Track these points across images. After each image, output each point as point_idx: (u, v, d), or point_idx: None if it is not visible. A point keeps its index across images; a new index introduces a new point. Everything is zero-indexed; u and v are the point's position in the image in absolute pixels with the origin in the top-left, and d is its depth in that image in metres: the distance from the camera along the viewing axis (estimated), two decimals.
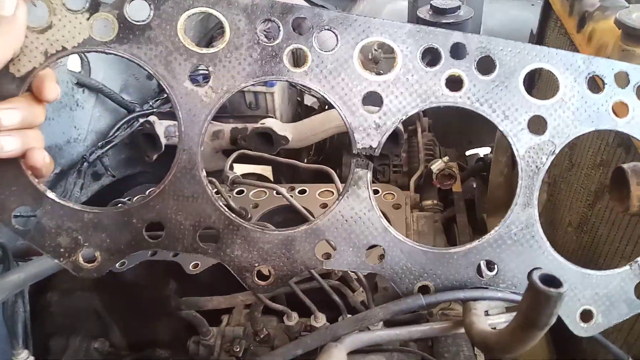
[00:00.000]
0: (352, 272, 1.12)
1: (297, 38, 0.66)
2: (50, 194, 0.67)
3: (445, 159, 1.40)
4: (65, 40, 0.64)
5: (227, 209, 0.69)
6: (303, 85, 0.68)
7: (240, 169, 1.92)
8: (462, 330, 0.64)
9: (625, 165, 0.72)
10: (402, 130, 1.59)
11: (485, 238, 0.69)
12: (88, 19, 0.64)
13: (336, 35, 0.67)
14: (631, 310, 0.71)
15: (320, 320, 1.06)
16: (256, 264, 0.69)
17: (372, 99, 0.70)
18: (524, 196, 0.70)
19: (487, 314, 0.65)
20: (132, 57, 0.65)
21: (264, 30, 0.69)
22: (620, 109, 0.72)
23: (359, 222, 0.69)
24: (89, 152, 1.54)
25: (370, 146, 0.69)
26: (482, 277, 0.69)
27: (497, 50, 0.68)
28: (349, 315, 1.06)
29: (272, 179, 1.99)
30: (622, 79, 0.72)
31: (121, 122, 1.66)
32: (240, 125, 1.80)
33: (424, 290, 0.70)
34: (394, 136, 1.59)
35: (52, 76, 0.64)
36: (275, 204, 1.43)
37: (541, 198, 1.21)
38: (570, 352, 1.07)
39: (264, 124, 1.66)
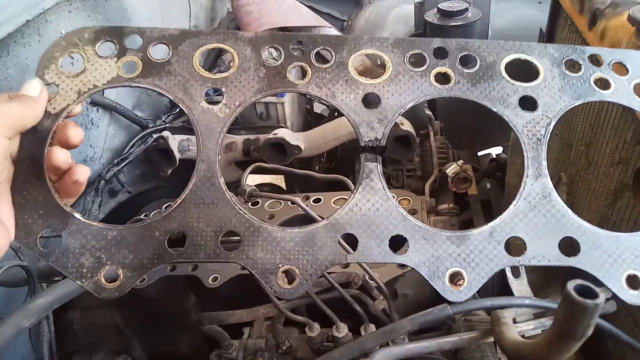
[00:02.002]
0: (374, 278, 1.11)
1: (297, 58, 0.76)
2: (77, 215, 0.69)
3: (460, 162, 1.39)
4: (96, 80, 0.74)
5: (247, 212, 0.70)
6: (307, 93, 0.76)
7: (253, 179, 1.93)
8: (491, 339, 0.63)
9: None
10: (415, 134, 1.59)
11: (505, 214, 0.69)
12: (116, 62, 0.74)
13: (330, 52, 0.77)
14: None
15: (342, 330, 1.06)
16: (280, 265, 0.68)
17: (373, 102, 0.76)
18: (533, 167, 0.72)
19: (514, 321, 0.64)
20: (155, 87, 0.74)
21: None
22: (603, 84, 0.78)
23: (376, 213, 0.70)
24: (105, 169, 1.56)
25: (376, 138, 0.73)
26: (513, 254, 0.67)
27: (474, 48, 0.78)
28: (370, 325, 1.06)
29: (285, 188, 2.00)
30: (596, 60, 0.79)
31: (135, 139, 1.68)
32: (252, 137, 1.82)
33: (456, 277, 0.67)
34: (407, 141, 1.59)
35: (72, 124, 0.71)
36: (290, 214, 1.44)
37: (561, 198, 1.19)
38: (596, 354, 1.06)
39: (276, 134, 1.67)
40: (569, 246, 0.67)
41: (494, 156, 1.95)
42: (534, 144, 0.73)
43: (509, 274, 0.67)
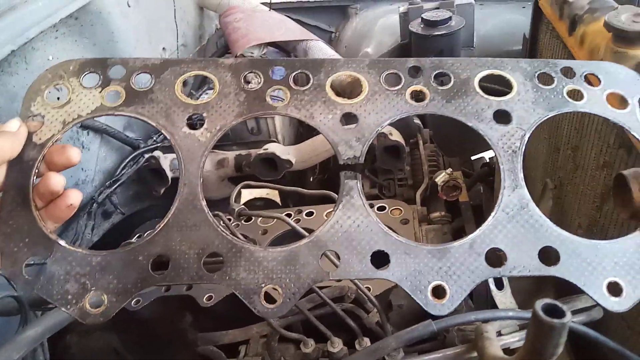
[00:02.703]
0: (364, 292, 1.12)
1: (276, 82, 0.78)
2: (62, 242, 0.70)
3: (449, 170, 1.40)
4: (80, 110, 0.75)
5: (229, 233, 0.71)
6: (287, 115, 0.78)
7: (248, 192, 1.94)
8: (475, 354, 0.63)
9: (625, 172, 0.72)
10: (404, 144, 1.60)
11: (484, 226, 0.70)
12: (100, 92, 0.76)
13: (308, 75, 0.79)
14: None
15: (337, 345, 1.06)
16: (262, 285, 0.69)
17: (350, 121, 0.78)
18: (509, 179, 0.73)
19: (500, 334, 0.64)
20: (137, 115, 0.76)
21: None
22: (576, 95, 0.80)
23: (357, 230, 0.71)
24: (97, 192, 1.56)
25: (354, 156, 0.74)
26: (493, 266, 0.67)
27: (448, 65, 0.80)
28: (365, 339, 1.06)
29: (279, 202, 2.00)
30: (569, 72, 0.81)
31: (127, 160, 1.69)
32: (244, 152, 1.83)
33: (439, 291, 0.68)
34: (396, 151, 1.60)
35: (67, 145, 0.73)
36: (283, 229, 1.44)
37: (547, 205, 1.20)
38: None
39: (266, 149, 1.68)
40: (549, 256, 0.67)
41: (487, 160, 1.96)
42: (509, 156, 0.74)
43: (492, 286, 0.68)
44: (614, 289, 0.65)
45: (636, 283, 0.67)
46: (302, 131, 2.26)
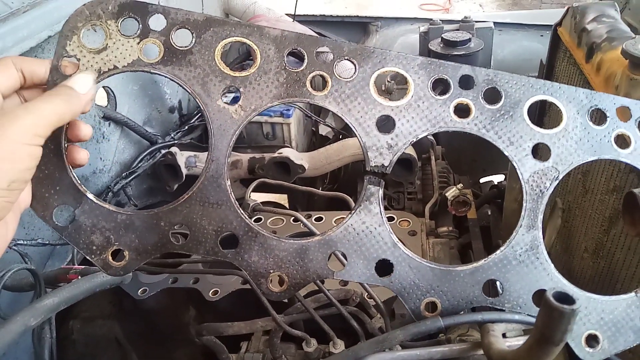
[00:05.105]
0: (368, 296, 1.13)
1: (320, 66, 0.74)
2: (90, 195, 0.73)
3: (460, 186, 1.42)
4: (117, 60, 0.72)
5: (247, 217, 0.73)
6: (324, 107, 0.74)
7: (256, 197, 1.97)
8: (481, 351, 0.65)
9: (636, 190, 0.74)
10: (416, 158, 1.62)
11: (490, 258, 0.72)
12: (138, 43, 0.73)
13: (355, 65, 0.74)
14: (638, 338, 0.71)
15: (338, 346, 1.07)
16: (271, 271, 0.72)
17: (386, 125, 0.75)
18: (529, 218, 0.73)
19: (504, 336, 0.66)
20: (174, 77, 0.73)
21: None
22: (622, 141, 0.76)
23: (369, 236, 0.73)
24: (113, 182, 1.60)
25: (382, 164, 0.74)
26: (489, 296, 0.71)
27: (503, 82, 0.74)
28: None
29: (288, 207, 2.02)
30: (624, 113, 0.76)
31: (144, 154, 1.72)
32: (257, 155, 1.86)
33: (432, 307, 0.72)
34: (408, 164, 1.62)
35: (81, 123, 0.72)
36: (292, 231, 1.46)
37: (556, 224, 1.22)
38: None
39: (281, 153, 1.71)
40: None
41: (496, 183, 1.98)
42: (535, 196, 0.73)
43: (500, 290, 0.70)
44: (591, 341, 0.69)
45: (614, 339, 0.70)
46: (315, 141, 2.29)
